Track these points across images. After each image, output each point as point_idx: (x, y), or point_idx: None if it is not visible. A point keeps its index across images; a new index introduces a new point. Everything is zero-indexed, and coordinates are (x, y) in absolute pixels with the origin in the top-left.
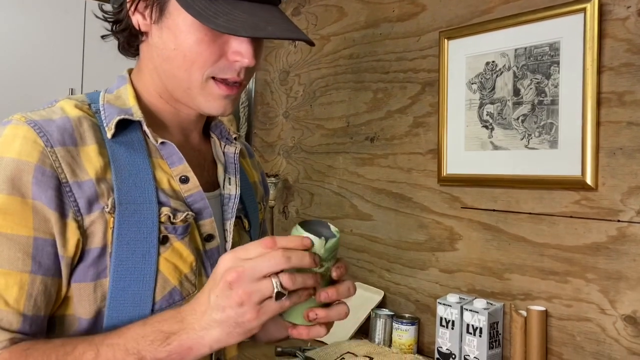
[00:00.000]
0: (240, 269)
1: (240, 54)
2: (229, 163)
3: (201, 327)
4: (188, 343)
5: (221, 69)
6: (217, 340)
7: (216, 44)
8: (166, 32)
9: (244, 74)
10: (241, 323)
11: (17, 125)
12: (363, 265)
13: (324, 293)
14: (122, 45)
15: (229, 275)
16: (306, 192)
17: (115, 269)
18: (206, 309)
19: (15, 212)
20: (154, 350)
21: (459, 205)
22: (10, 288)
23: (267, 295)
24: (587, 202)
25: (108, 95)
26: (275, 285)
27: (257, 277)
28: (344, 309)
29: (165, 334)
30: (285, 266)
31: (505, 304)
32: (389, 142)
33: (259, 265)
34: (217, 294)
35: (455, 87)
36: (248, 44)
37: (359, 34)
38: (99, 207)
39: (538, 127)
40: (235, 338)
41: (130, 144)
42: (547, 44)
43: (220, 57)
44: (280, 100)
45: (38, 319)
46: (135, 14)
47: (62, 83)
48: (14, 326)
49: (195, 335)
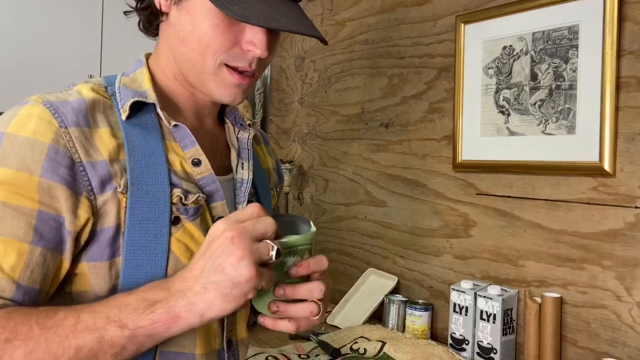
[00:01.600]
0: (240, 226)
1: (254, 44)
2: (242, 148)
3: (194, 292)
4: (175, 311)
5: (234, 57)
6: (210, 305)
7: (231, 31)
8: (184, 14)
9: (256, 64)
10: (239, 283)
11: (33, 106)
12: (377, 251)
13: (280, 289)
14: (142, 24)
15: (229, 233)
16: (321, 179)
17: (128, 247)
18: (200, 273)
19: (21, 185)
20: (136, 318)
21: (474, 191)
22: (8, 256)
23: (264, 256)
24: (605, 189)
25: (124, 79)
26: (273, 244)
27: (256, 237)
28: (309, 308)
29: (149, 302)
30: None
31: (520, 290)
32: (404, 128)
33: (257, 225)
34: (216, 254)
35: (472, 72)
36: (262, 34)
37: (375, 19)
38: (112, 187)
39: (555, 113)
40: (230, 303)
41: (144, 126)
42: (565, 28)
43: (234, 45)
44: (295, 86)
45: (33, 291)
46: None
47: (80, 70)
48: (7, 294)
49: (185, 302)
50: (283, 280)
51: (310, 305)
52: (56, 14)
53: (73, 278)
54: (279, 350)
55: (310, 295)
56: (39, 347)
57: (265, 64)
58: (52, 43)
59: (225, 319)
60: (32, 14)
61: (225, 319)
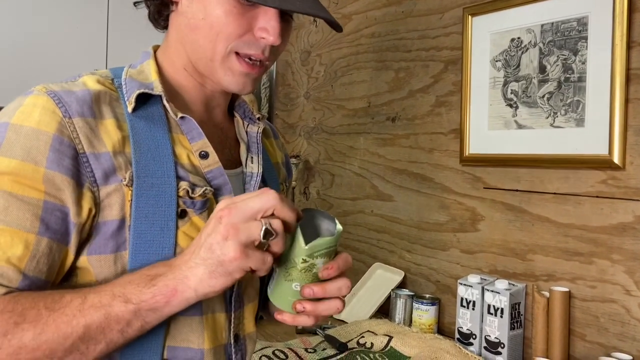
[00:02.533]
0: (232, 205)
1: (267, 30)
2: (251, 142)
3: (188, 266)
4: (173, 283)
5: (246, 44)
6: (200, 280)
7: (244, 17)
8: (196, 2)
9: (268, 52)
10: (223, 262)
11: (37, 95)
12: (384, 245)
13: (308, 289)
14: (152, 15)
15: (221, 212)
16: (327, 173)
17: (134, 241)
18: (195, 248)
19: (27, 176)
20: (139, 292)
21: (482, 185)
22: (15, 246)
23: (254, 235)
24: (614, 182)
25: (131, 70)
26: (264, 223)
27: (249, 215)
28: (335, 305)
29: (151, 277)
30: (278, 205)
31: (528, 284)
32: (411, 122)
33: (251, 202)
34: (207, 232)
35: (479, 65)
36: (275, 22)
37: (381, 12)
38: (117, 180)
39: (564, 105)
40: (217, 279)
41: (150, 118)
42: (574, 19)
43: (247, 31)
44: (301, 80)
45: (39, 281)
46: None
47: (86, 65)
48: (13, 283)
49: (180, 275)
50: (312, 280)
51: (336, 302)
52: (62, 8)
53: (77, 271)
54: (286, 344)
55: (339, 293)
56: (48, 328)
57: (277, 53)
58: (58, 37)
59: (232, 314)
60: (38, 9)
61: (232, 314)
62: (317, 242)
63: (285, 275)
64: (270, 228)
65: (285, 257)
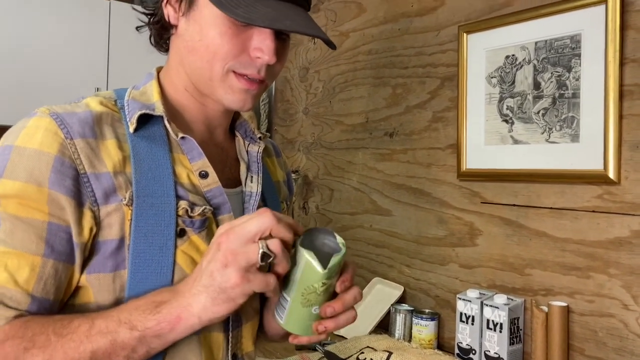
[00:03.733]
0: (230, 230)
1: (262, 50)
2: (251, 162)
3: (191, 294)
4: (177, 311)
5: (242, 64)
6: (203, 308)
7: (239, 38)
8: (192, 24)
9: (265, 71)
10: (225, 289)
11: (40, 117)
12: (383, 260)
13: (330, 308)
14: (153, 38)
15: (219, 238)
16: (326, 188)
17: (133, 260)
18: (197, 275)
19: (31, 198)
20: (144, 319)
21: (479, 200)
22: (22, 269)
23: (252, 259)
24: (610, 197)
25: (134, 92)
26: (261, 246)
27: (246, 239)
28: (352, 315)
29: (156, 303)
30: (274, 225)
31: (526, 299)
32: (408, 137)
33: (248, 225)
34: (207, 259)
35: (475, 81)
36: (270, 41)
37: (378, 29)
38: (117, 200)
39: (559, 121)
40: (220, 306)
41: (151, 139)
42: (568, 37)
43: (242, 51)
44: (300, 96)
45: (47, 302)
46: (167, 7)
47: (88, 82)
48: (22, 306)
49: (184, 302)
50: (329, 298)
51: (352, 311)
52: (64, 27)
53: (76, 291)
54: None
55: (355, 302)
56: (56, 354)
57: (275, 72)
58: (60, 56)
59: (230, 333)
60: (40, 28)
61: (230, 333)
62: (332, 263)
63: (302, 302)
64: (267, 250)
65: (298, 284)
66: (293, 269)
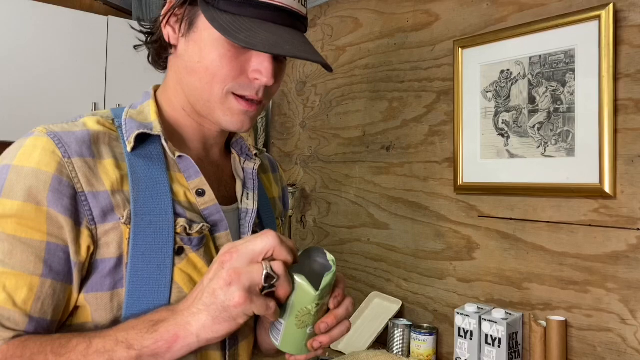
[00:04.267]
0: (234, 249)
1: (260, 72)
2: (247, 179)
3: (190, 312)
4: (174, 329)
5: (241, 86)
6: (203, 326)
7: (238, 60)
8: (192, 45)
9: (263, 93)
10: (227, 307)
11: (38, 137)
12: (380, 274)
13: (324, 324)
14: (152, 57)
15: (223, 257)
16: (323, 201)
17: (131, 279)
18: (198, 294)
19: (30, 217)
20: (141, 338)
21: (476, 213)
22: (20, 289)
23: (256, 279)
24: (606, 211)
25: (131, 111)
26: (265, 267)
27: (250, 259)
28: (345, 326)
29: (153, 322)
30: (277, 247)
31: (525, 314)
32: (405, 150)
33: (252, 245)
34: (210, 277)
35: (470, 95)
36: (269, 63)
37: (374, 44)
38: (115, 218)
39: (554, 135)
40: (220, 325)
41: (149, 157)
42: (562, 52)
43: (241, 74)
44: (297, 110)
45: (44, 322)
46: (166, 27)
47: (85, 98)
48: (20, 326)
49: (182, 320)
50: (322, 315)
51: (345, 322)
52: (62, 43)
53: (74, 310)
54: None
55: (348, 314)
56: None
57: (272, 93)
58: (58, 71)
59: (227, 351)
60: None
61: (227, 351)
62: (324, 284)
63: (297, 324)
64: (271, 272)
65: (291, 307)
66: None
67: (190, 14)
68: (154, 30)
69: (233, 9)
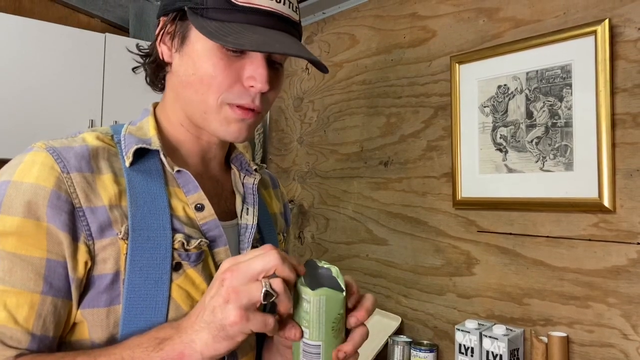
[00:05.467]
0: (234, 267)
1: (255, 79)
2: (247, 194)
3: (194, 330)
4: (180, 347)
5: (236, 95)
6: (205, 345)
7: (231, 68)
8: (186, 59)
9: (259, 100)
10: (224, 326)
11: (37, 152)
12: (380, 290)
13: (342, 353)
14: (149, 77)
15: (224, 274)
16: (321, 217)
17: (128, 295)
18: (200, 311)
19: (30, 234)
20: (147, 357)
21: (475, 229)
22: (21, 307)
23: (255, 297)
24: (606, 225)
25: (131, 127)
26: (264, 284)
27: (250, 276)
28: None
29: (159, 340)
30: (279, 265)
31: (526, 329)
32: (403, 166)
33: (253, 263)
34: (210, 294)
35: (468, 110)
36: (263, 69)
37: (371, 60)
38: (112, 234)
39: (553, 150)
40: (220, 343)
41: (147, 172)
42: (558, 67)
43: (236, 82)
44: (294, 126)
45: (46, 339)
46: (161, 45)
47: (83, 114)
48: (22, 344)
49: (187, 339)
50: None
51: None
52: (59, 59)
53: (71, 327)
54: None
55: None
56: None
57: (269, 101)
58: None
59: None
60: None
61: None
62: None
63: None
64: (270, 289)
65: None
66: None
67: (182, 29)
68: (151, 51)
69: (222, 16)
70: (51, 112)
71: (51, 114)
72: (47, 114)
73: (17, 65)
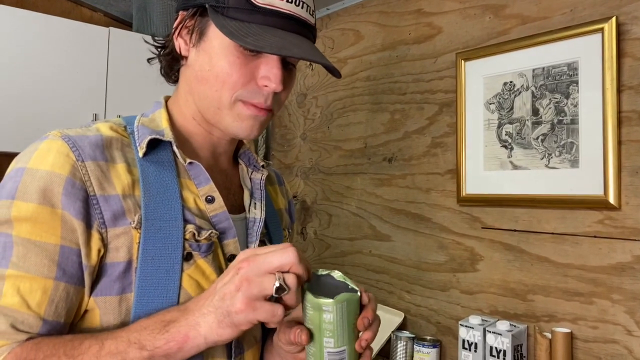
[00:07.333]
0: (252, 257)
1: (269, 79)
2: (255, 189)
3: (201, 313)
4: (185, 330)
5: (250, 93)
6: (209, 328)
7: (247, 67)
8: (202, 54)
9: (271, 100)
10: (230, 312)
11: (52, 140)
12: (383, 286)
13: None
14: (164, 69)
15: (241, 263)
16: (324, 213)
17: (140, 283)
18: (210, 295)
19: (45, 220)
20: (153, 339)
21: (480, 225)
22: (34, 292)
23: (267, 290)
24: (611, 222)
25: (143, 119)
26: (277, 278)
27: (265, 269)
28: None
29: (165, 322)
30: (295, 263)
31: (529, 325)
32: (407, 162)
33: (271, 257)
34: (225, 281)
35: (473, 107)
36: (277, 69)
37: (376, 56)
38: (126, 223)
39: (558, 147)
40: (224, 329)
41: (160, 163)
42: (565, 64)
43: (250, 80)
44: (297, 122)
45: (58, 324)
46: (178, 39)
47: (86, 108)
48: (34, 329)
49: (193, 321)
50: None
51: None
52: (62, 53)
53: (83, 314)
54: None
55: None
56: None
57: (281, 101)
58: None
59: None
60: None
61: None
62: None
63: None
64: (283, 284)
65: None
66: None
67: (200, 25)
68: (166, 43)
69: (242, 16)
70: (54, 106)
71: (54, 107)
72: (50, 108)
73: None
